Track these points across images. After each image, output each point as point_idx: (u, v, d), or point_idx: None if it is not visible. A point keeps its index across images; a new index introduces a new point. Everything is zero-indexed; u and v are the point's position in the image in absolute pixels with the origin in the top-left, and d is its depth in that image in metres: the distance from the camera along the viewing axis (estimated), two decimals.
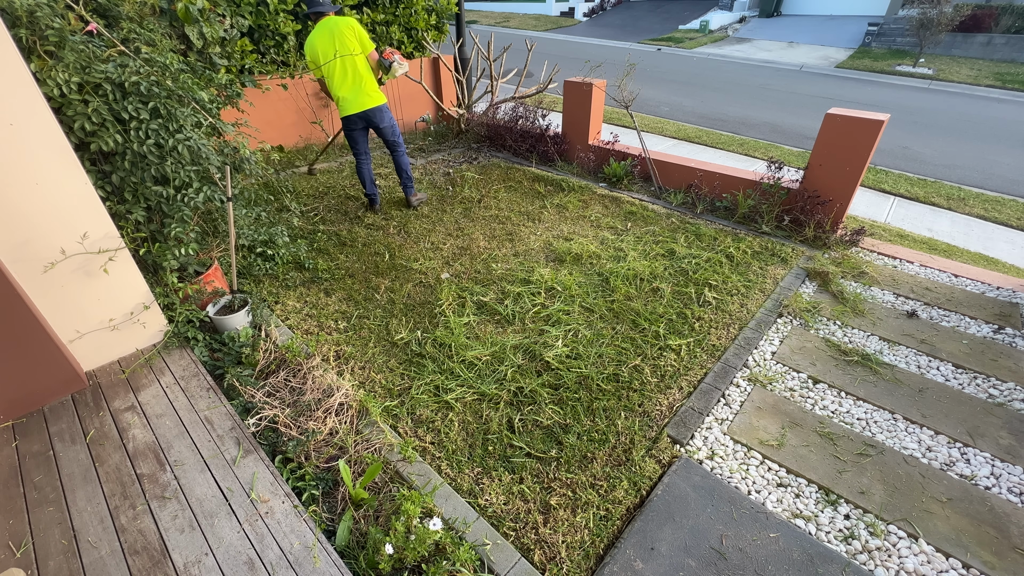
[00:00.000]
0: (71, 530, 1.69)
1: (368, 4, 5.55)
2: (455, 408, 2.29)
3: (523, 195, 4.58)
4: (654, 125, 7.79)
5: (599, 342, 2.70)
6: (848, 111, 3.54)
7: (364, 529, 1.73)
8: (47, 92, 2.02)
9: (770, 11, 19.61)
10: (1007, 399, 2.39)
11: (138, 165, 2.30)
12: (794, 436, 2.19)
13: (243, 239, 3.14)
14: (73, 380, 2.22)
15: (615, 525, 1.82)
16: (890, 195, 5.38)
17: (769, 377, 2.52)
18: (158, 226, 2.51)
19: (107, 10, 2.49)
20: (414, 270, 3.37)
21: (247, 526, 1.72)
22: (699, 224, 4.00)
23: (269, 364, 2.41)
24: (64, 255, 2.09)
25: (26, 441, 2.01)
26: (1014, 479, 2.01)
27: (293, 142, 5.51)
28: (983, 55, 13.54)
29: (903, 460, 2.08)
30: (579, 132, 5.11)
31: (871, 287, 3.29)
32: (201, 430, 2.08)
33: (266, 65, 4.88)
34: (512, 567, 1.66)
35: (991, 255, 4.10)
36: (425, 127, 6.46)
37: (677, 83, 11.33)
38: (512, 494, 1.92)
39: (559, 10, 24.40)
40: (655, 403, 2.34)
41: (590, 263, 3.45)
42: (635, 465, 2.04)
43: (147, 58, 2.32)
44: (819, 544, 1.75)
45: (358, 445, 2.03)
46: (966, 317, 3.00)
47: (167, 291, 2.54)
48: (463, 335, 2.72)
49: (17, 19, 2.02)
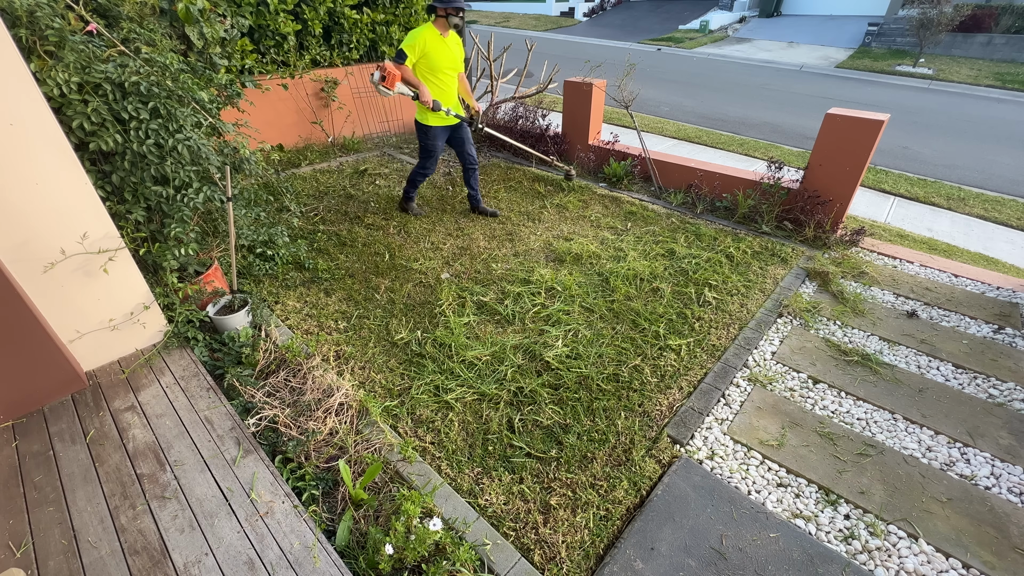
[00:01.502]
0: (71, 530, 1.69)
1: (368, 4, 5.55)
2: (455, 408, 2.29)
3: (523, 195, 4.58)
4: (654, 125, 7.79)
5: (599, 342, 2.70)
6: (848, 111, 3.54)
7: (364, 529, 1.73)
8: (47, 92, 2.01)
9: (770, 11, 19.61)
10: (1007, 399, 2.39)
11: (138, 165, 2.30)
12: (794, 436, 2.19)
13: (243, 239, 3.13)
14: (73, 380, 2.22)
15: (615, 525, 1.82)
16: (890, 195, 5.38)
17: (769, 377, 2.52)
18: (158, 226, 2.51)
19: (107, 10, 2.49)
20: (414, 270, 3.37)
21: (247, 526, 1.72)
22: (699, 224, 4.00)
23: (269, 364, 2.41)
24: (64, 255, 2.09)
25: (26, 441, 2.01)
26: (1014, 479, 2.01)
27: (293, 142, 5.51)
28: (983, 55, 13.54)
29: (903, 460, 2.08)
30: (579, 132, 5.11)
31: (871, 287, 3.29)
32: (201, 430, 2.08)
33: (266, 65, 4.88)
34: (512, 567, 1.66)
35: (991, 255, 4.09)
36: None
37: (677, 83, 11.33)
38: (512, 494, 1.92)
39: (559, 10, 24.41)
40: (655, 403, 2.34)
41: (590, 263, 3.45)
42: (635, 465, 2.04)
43: (147, 58, 2.32)
44: (819, 544, 1.75)
45: (358, 445, 2.03)
46: (966, 317, 3.00)
47: (167, 291, 2.54)
48: (463, 335, 2.72)
49: (17, 19, 2.02)
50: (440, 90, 3.55)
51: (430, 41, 3.35)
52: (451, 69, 3.53)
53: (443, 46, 3.42)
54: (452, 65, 3.52)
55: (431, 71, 3.47)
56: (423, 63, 3.42)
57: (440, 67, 3.47)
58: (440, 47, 3.41)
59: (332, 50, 5.44)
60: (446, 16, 3.34)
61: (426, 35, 3.33)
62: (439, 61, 3.44)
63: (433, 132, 3.68)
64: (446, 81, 3.55)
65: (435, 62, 3.43)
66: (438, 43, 3.39)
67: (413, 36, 3.34)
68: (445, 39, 3.43)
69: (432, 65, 3.44)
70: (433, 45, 3.36)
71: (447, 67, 3.50)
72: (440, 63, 3.45)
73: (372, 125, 6.15)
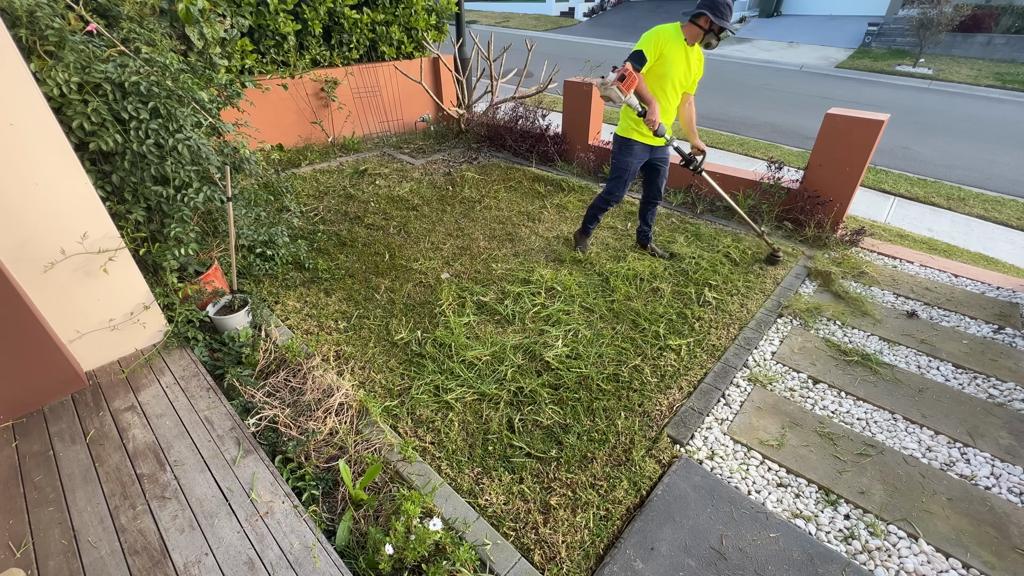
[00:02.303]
0: (71, 530, 1.69)
1: (368, 4, 5.55)
2: (455, 408, 2.29)
3: (523, 195, 4.58)
4: None
5: (599, 342, 2.70)
6: (848, 111, 3.54)
7: (364, 529, 1.73)
8: (47, 92, 2.01)
9: (770, 11, 19.61)
10: (1007, 399, 2.39)
11: (138, 165, 2.30)
12: (794, 436, 2.19)
13: (243, 239, 3.13)
14: (73, 380, 2.22)
15: (615, 525, 1.82)
16: (890, 195, 5.38)
17: (769, 377, 2.52)
18: (158, 226, 2.51)
19: (107, 10, 2.49)
20: (414, 270, 3.37)
21: (247, 526, 1.72)
22: (699, 224, 4.00)
23: (269, 364, 2.41)
24: (64, 255, 2.09)
25: (26, 441, 2.01)
26: (1014, 479, 2.01)
27: (293, 142, 5.51)
28: (983, 55, 13.54)
29: (903, 460, 2.08)
30: (579, 132, 5.11)
31: (871, 287, 3.29)
32: (201, 430, 2.08)
33: (266, 65, 4.88)
34: (512, 567, 1.66)
35: (991, 255, 4.09)
36: (425, 127, 6.46)
37: None
38: (512, 494, 1.92)
39: (559, 10, 24.40)
40: (655, 403, 2.34)
41: (590, 263, 3.45)
42: (635, 465, 2.04)
43: (147, 58, 2.32)
44: (819, 544, 1.75)
45: (358, 445, 2.03)
46: (966, 317, 3.00)
47: (167, 291, 2.54)
48: (463, 335, 2.72)
49: (17, 19, 2.02)
50: (662, 107, 2.93)
51: (671, 43, 2.77)
52: (681, 86, 2.94)
53: (683, 55, 2.83)
54: (684, 81, 2.93)
55: (658, 80, 2.87)
56: (653, 70, 2.84)
57: (671, 78, 2.85)
58: (679, 55, 2.81)
59: (332, 50, 5.44)
60: (707, 30, 2.73)
61: (669, 34, 2.76)
62: (673, 70, 2.83)
63: (635, 149, 3.08)
64: (671, 98, 2.94)
65: (668, 69, 2.82)
66: (679, 49, 2.81)
67: (652, 34, 2.77)
68: (688, 49, 2.84)
69: (662, 73, 2.83)
70: (672, 48, 2.78)
71: (678, 81, 2.89)
72: (673, 73, 2.83)
73: (372, 125, 6.15)
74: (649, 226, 3.56)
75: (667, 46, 2.77)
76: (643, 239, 3.63)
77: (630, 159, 3.11)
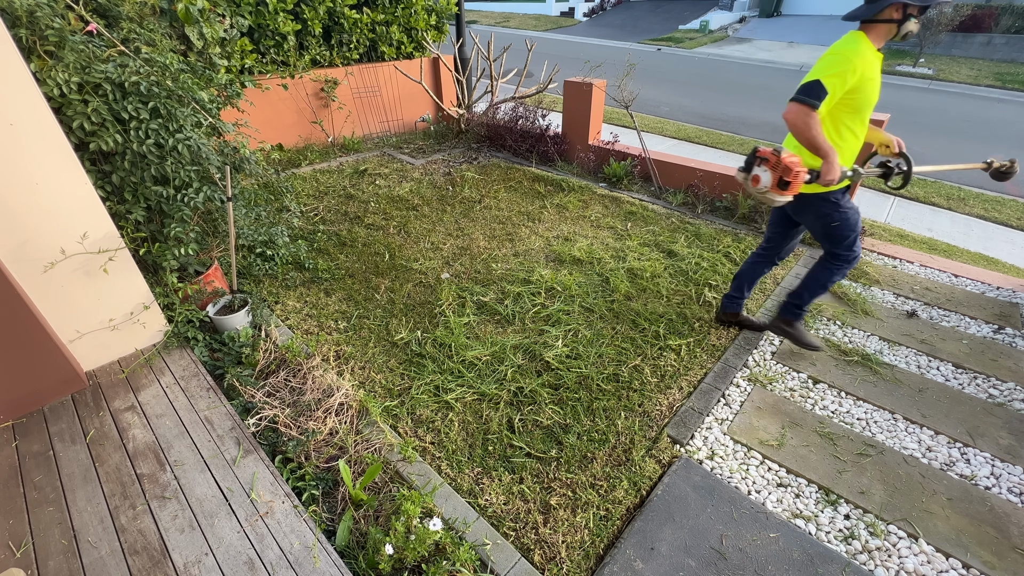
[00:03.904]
0: (71, 530, 1.69)
1: (368, 4, 5.55)
2: (455, 408, 2.29)
3: (523, 195, 4.58)
4: (654, 125, 7.79)
5: (599, 342, 2.70)
6: None
7: (364, 529, 1.73)
8: (47, 92, 2.01)
9: (770, 11, 19.62)
10: (1007, 399, 2.39)
11: (138, 165, 2.30)
12: (794, 436, 2.19)
13: (243, 239, 3.13)
14: (73, 380, 2.22)
15: (615, 525, 1.82)
16: (890, 195, 5.38)
17: (769, 377, 2.52)
18: (158, 226, 2.51)
19: (107, 10, 2.49)
20: (414, 270, 3.37)
21: (247, 526, 1.72)
22: (699, 224, 4.00)
23: (269, 364, 2.41)
24: (64, 255, 2.09)
25: (26, 441, 2.01)
26: (1014, 479, 2.01)
27: (293, 142, 5.51)
28: (983, 55, 13.55)
29: (903, 460, 2.08)
30: (579, 132, 5.11)
31: (871, 287, 3.29)
32: (201, 430, 2.08)
33: (266, 65, 4.88)
34: (512, 567, 1.66)
35: (991, 255, 4.10)
36: (425, 127, 6.46)
37: (677, 83, 11.33)
38: (512, 494, 1.92)
39: (559, 10, 24.41)
40: (655, 403, 2.34)
41: (590, 263, 3.45)
42: (635, 465, 2.04)
43: (147, 58, 2.32)
44: (819, 544, 1.75)
45: (358, 445, 2.03)
46: (966, 317, 3.00)
47: (167, 291, 2.54)
48: (463, 335, 2.72)
49: (17, 19, 2.02)
50: (852, 146, 2.17)
51: (871, 63, 1.99)
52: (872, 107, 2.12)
53: (878, 71, 2.07)
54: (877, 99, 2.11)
55: (855, 115, 2.08)
56: (846, 102, 2.03)
57: (869, 105, 2.08)
58: (877, 73, 2.06)
59: (332, 50, 5.44)
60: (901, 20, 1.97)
61: (867, 54, 1.96)
62: (874, 95, 2.06)
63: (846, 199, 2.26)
64: (863, 128, 2.17)
65: (869, 96, 2.04)
66: (878, 65, 2.06)
67: (845, 57, 1.94)
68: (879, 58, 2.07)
69: (861, 104, 2.04)
70: (872, 72, 2.01)
71: (873, 104, 2.11)
72: (873, 98, 2.07)
73: (372, 125, 6.15)
74: (749, 294, 2.77)
75: (868, 70, 1.98)
76: (737, 306, 2.80)
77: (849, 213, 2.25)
